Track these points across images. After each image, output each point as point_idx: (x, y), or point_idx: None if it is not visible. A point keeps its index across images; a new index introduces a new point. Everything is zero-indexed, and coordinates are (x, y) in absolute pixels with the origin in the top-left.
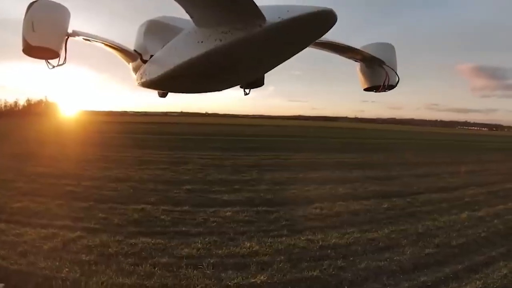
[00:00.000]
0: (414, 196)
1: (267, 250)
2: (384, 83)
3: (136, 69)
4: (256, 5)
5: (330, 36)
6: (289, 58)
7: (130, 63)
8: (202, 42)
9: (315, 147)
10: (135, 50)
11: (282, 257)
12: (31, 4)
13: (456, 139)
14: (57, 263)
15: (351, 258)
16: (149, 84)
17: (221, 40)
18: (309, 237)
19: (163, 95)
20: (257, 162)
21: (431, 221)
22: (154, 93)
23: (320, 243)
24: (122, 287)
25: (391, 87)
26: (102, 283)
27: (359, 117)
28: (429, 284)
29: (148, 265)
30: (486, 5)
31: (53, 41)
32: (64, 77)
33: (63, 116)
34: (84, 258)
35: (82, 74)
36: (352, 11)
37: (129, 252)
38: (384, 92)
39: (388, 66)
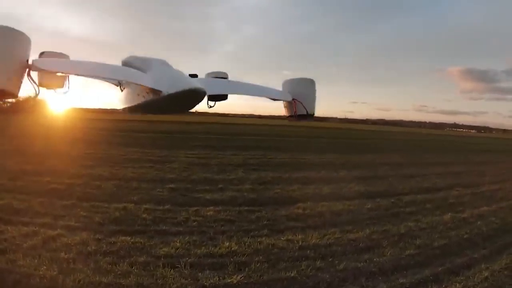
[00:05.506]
0: (398, 197)
1: (246, 250)
2: (294, 113)
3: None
4: (155, 88)
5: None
6: (197, 103)
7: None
8: (138, 95)
9: (302, 147)
10: (118, 82)
11: (261, 257)
12: None
13: (444, 140)
14: (36, 261)
15: (330, 259)
16: (123, 110)
17: (144, 97)
18: (289, 237)
19: None
20: (243, 162)
21: (414, 222)
22: None
23: (300, 243)
24: (98, 286)
25: (306, 115)
26: (79, 281)
27: (348, 117)
28: (408, 286)
29: (125, 264)
30: (475, 9)
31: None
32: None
33: (52, 113)
34: (63, 256)
35: None
36: (341, 13)
37: (108, 251)
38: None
39: (297, 100)
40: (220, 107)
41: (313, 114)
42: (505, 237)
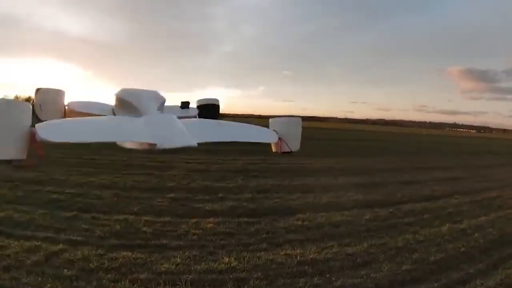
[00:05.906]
0: (397, 206)
1: (245, 265)
2: (279, 150)
3: None
4: (151, 142)
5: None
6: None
7: None
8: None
9: (302, 151)
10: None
11: (259, 274)
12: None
13: (444, 141)
14: (40, 279)
15: (328, 275)
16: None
17: (141, 145)
18: (288, 251)
19: None
20: (243, 167)
21: (411, 234)
22: None
23: (298, 258)
24: None
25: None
26: None
27: (348, 117)
28: None
29: (127, 282)
30: (476, 9)
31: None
32: (52, 73)
33: None
34: (66, 273)
35: (70, 71)
36: (341, 13)
37: (110, 267)
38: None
39: (282, 140)
40: None
41: (297, 150)
42: (501, 250)
